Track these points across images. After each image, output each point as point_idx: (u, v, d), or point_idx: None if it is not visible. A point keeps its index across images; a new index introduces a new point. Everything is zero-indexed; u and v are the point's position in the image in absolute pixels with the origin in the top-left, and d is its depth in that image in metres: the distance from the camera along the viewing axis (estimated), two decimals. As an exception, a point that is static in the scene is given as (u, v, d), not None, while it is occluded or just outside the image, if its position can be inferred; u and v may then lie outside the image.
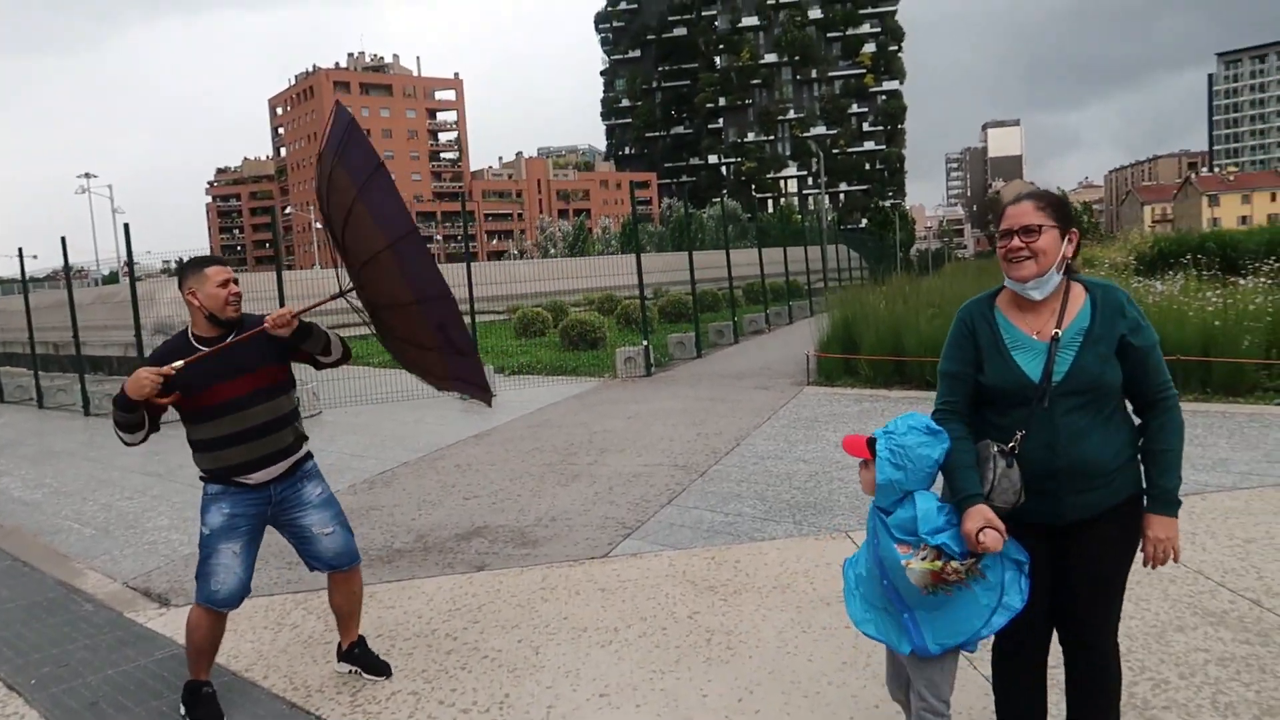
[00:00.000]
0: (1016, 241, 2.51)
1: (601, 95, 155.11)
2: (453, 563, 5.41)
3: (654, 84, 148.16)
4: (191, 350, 3.45)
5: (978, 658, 3.62)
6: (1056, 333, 2.50)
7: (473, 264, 13.80)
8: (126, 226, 12.27)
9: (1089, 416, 2.48)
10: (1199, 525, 5.17)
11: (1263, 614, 3.97)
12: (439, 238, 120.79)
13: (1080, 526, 2.53)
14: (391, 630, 4.42)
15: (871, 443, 2.64)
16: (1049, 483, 2.49)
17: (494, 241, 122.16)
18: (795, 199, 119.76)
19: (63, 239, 13.92)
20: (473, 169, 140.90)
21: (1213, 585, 4.32)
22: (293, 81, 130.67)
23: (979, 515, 2.47)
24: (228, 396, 3.43)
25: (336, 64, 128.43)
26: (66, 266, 14.24)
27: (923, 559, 2.50)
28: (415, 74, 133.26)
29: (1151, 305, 10.67)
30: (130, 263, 12.53)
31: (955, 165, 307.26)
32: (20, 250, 15.52)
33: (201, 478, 3.60)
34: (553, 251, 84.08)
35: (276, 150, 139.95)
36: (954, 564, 2.48)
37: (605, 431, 9.36)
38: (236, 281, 3.56)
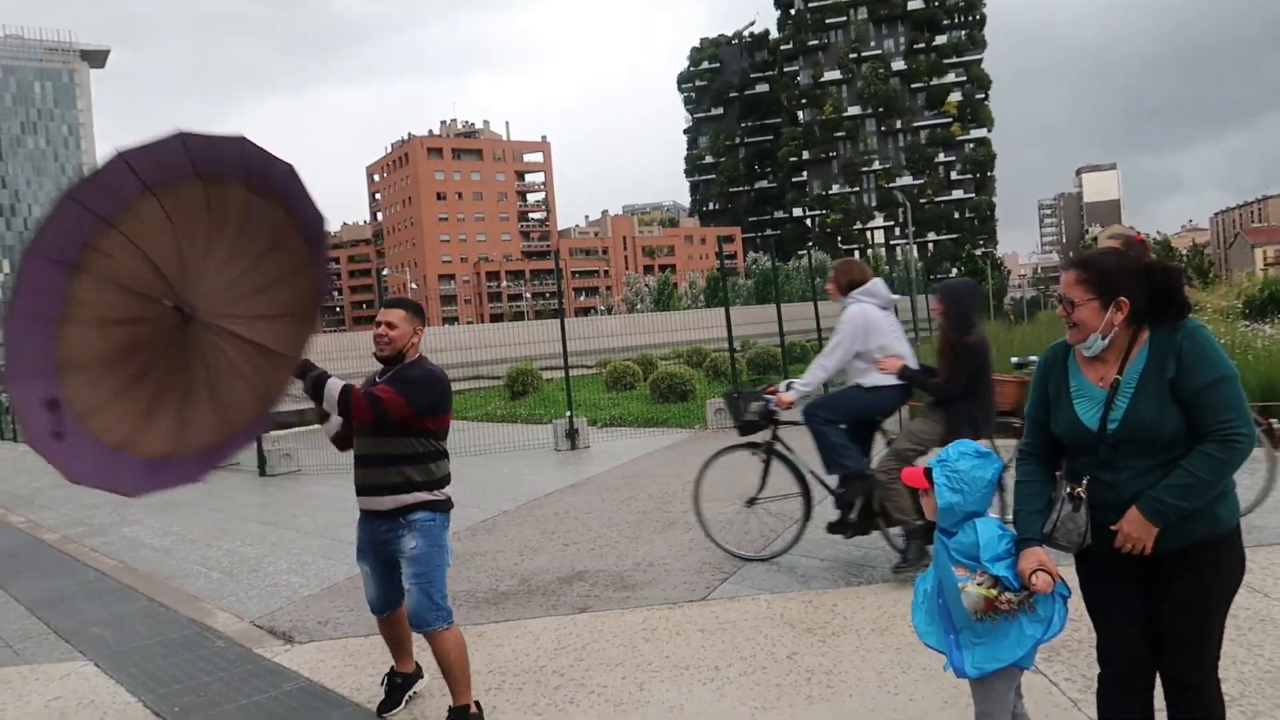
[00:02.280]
0: (1061, 309, 2.67)
1: (685, 153, 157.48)
2: (556, 605, 5.60)
3: (737, 140, 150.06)
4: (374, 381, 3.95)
5: (1085, 699, 3.63)
6: (1117, 380, 2.58)
7: (564, 320, 14.20)
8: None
9: (1151, 461, 2.53)
10: (1314, 572, 5.04)
11: (1383, 660, 3.87)
12: (528, 295, 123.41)
13: (1165, 563, 2.58)
14: (501, 667, 4.62)
15: (928, 472, 2.86)
16: (1117, 521, 2.58)
17: (581, 298, 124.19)
18: (882, 250, 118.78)
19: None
20: (560, 228, 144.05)
21: (1329, 631, 4.22)
22: (389, 149, 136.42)
23: (1033, 557, 2.65)
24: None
25: (430, 131, 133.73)
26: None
27: (979, 584, 2.69)
28: (505, 138, 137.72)
29: (1261, 350, 10.36)
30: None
31: (1049, 211, 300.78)
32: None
33: None
34: (640, 306, 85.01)
35: (373, 215, 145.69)
36: (1008, 595, 2.66)
37: (698, 481, 9.47)
38: (391, 325, 3.87)
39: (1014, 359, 7.43)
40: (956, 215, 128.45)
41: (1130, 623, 2.69)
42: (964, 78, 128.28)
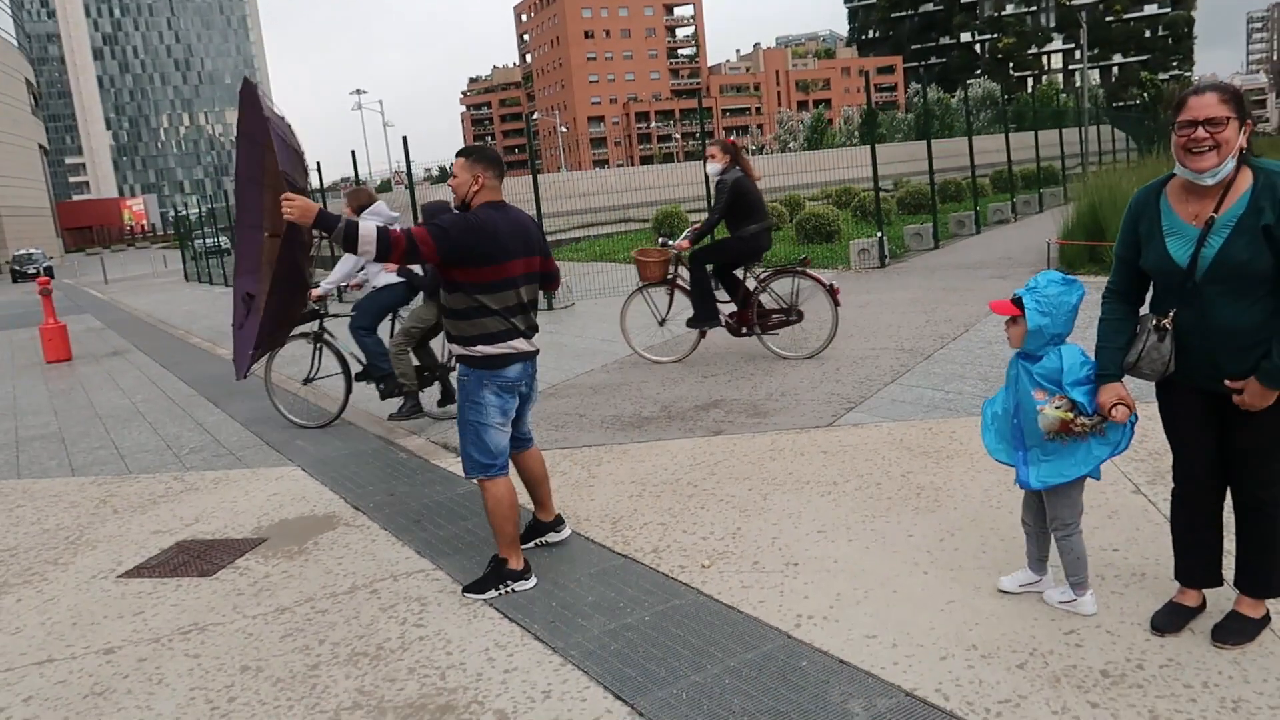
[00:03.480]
0: (1201, 132, 2.65)
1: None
2: (693, 428, 6.15)
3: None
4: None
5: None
6: (1212, 218, 2.68)
7: (707, 163, 14.29)
8: (405, 139, 13.80)
9: (1239, 299, 2.67)
10: None
11: None
12: (678, 136, 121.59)
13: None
14: (642, 478, 5.22)
15: (1018, 301, 3.09)
16: (1202, 355, 2.76)
17: (732, 137, 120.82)
18: (1060, 76, 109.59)
19: (353, 153, 15.85)
20: (710, 64, 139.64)
21: None
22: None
23: (1113, 391, 2.92)
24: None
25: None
26: (357, 178, 16.22)
27: (1057, 407, 2.96)
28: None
29: None
30: (409, 171, 14.12)
31: (1259, 25, 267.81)
32: (319, 164, 17.75)
33: None
34: (792, 145, 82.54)
35: (523, 57, 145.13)
36: (1083, 419, 2.93)
37: (836, 319, 9.73)
38: (454, 175, 3.91)
39: (660, 238, 8.40)
40: (1148, 34, 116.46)
41: (1203, 446, 2.93)
42: None
